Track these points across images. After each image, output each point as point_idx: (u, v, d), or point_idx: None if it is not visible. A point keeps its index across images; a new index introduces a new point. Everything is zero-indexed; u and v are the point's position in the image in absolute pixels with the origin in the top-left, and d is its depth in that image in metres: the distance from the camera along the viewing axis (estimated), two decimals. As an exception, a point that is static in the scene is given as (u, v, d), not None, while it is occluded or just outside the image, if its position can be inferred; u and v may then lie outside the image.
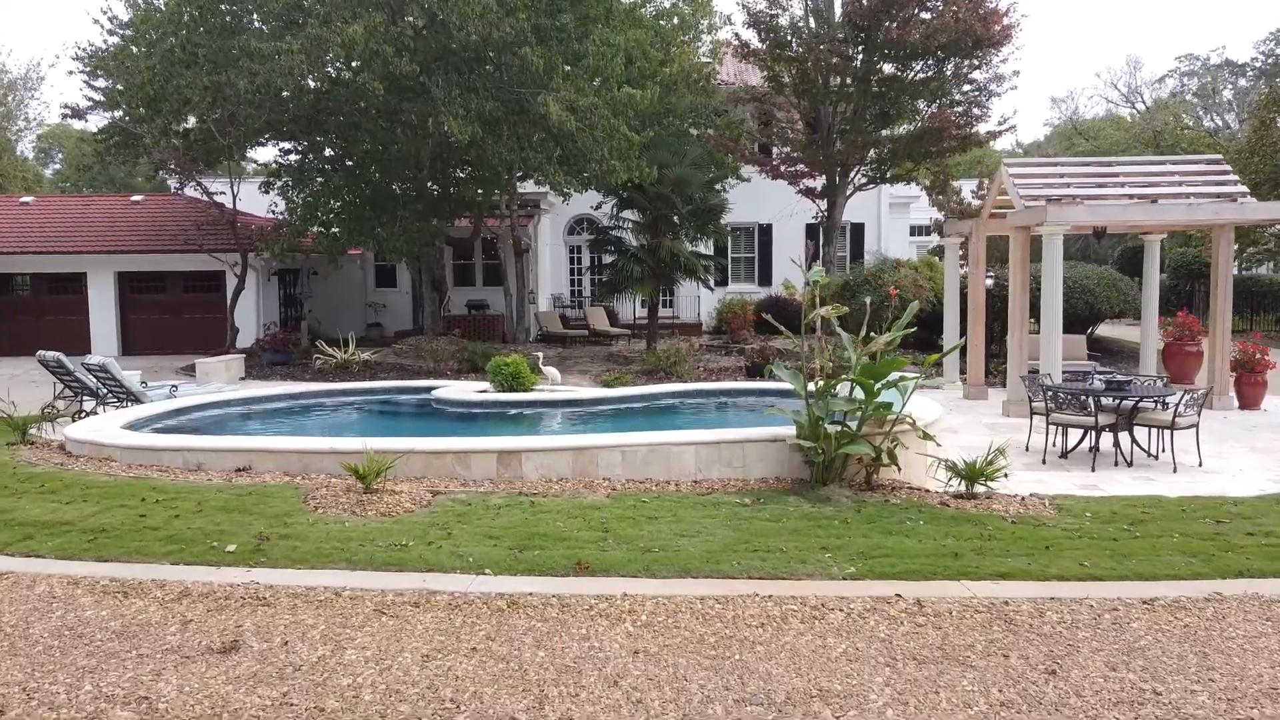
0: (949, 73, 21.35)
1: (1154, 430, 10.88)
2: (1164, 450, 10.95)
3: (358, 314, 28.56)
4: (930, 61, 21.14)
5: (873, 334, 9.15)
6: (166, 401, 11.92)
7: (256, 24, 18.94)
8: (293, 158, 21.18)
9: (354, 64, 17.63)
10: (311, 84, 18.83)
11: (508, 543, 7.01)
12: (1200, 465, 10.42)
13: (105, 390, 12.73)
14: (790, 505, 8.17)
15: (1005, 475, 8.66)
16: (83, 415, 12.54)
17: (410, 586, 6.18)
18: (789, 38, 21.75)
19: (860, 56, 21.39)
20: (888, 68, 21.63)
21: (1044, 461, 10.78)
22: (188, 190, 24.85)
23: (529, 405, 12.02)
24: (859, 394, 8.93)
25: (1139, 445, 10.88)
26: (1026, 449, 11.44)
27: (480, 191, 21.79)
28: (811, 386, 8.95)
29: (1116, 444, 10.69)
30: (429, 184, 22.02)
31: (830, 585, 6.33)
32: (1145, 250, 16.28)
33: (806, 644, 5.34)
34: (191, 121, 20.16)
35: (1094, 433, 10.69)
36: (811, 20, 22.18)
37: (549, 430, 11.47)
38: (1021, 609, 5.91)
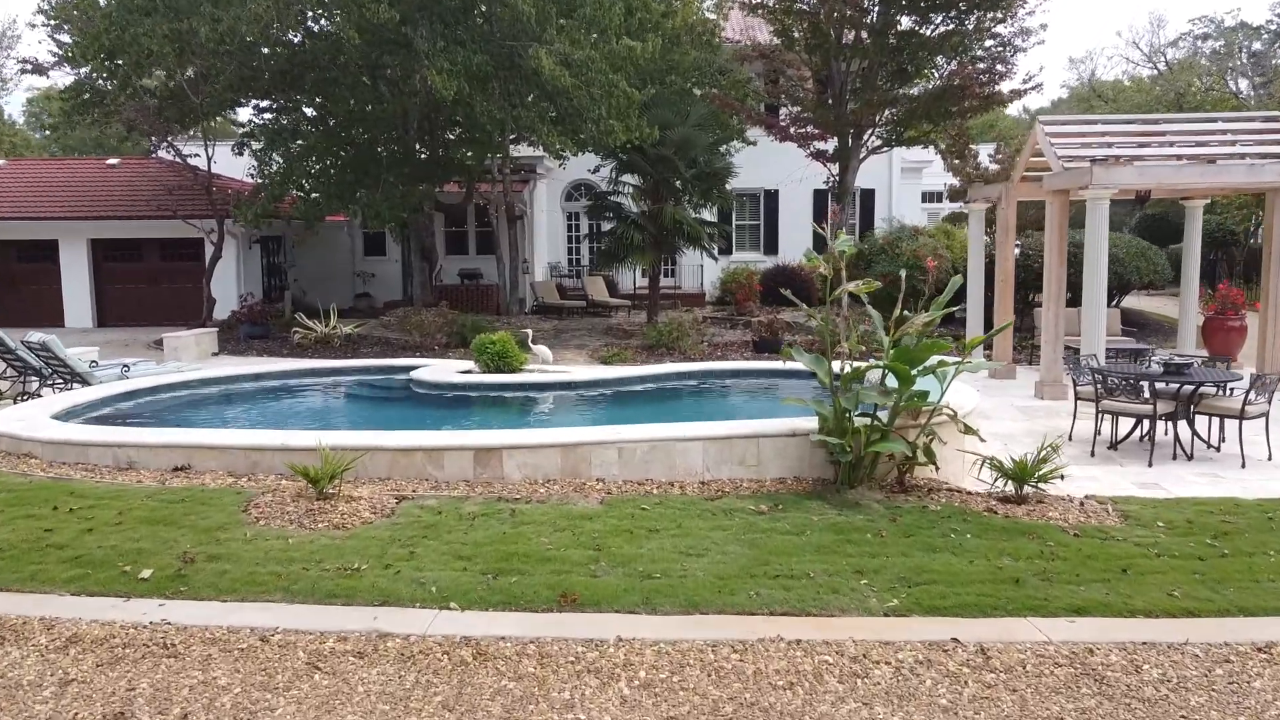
0: (971, 26, 19.92)
1: (1213, 419, 9.73)
2: (1224, 440, 9.82)
3: (345, 284, 27.33)
4: (951, 14, 19.71)
5: (906, 312, 7.95)
6: (113, 384, 10.73)
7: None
8: (268, 116, 19.81)
9: (328, 13, 16.26)
10: (287, 37, 17.46)
11: (480, 565, 5.87)
12: (1270, 459, 9.27)
13: (50, 370, 11.57)
14: (814, 512, 7.02)
15: (1061, 478, 7.49)
16: (25, 398, 11.40)
17: (357, 627, 5.03)
18: (800, -12, 20.33)
19: (876, 9, 19.96)
20: (906, 21, 20.19)
21: (1093, 454, 9.62)
22: (161, 153, 23.52)
23: (516, 388, 10.85)
24: (891, 381, 7.75)
25: (1199, 436, 9.73)
26: (1070, 438, 10.28)
27: (470, 154, 20.46)
28: (836, 367, 7.77)
29: (1176, 435, 9.53)
30: (417, 146, 20.70)
31: (870, 624, 5.18)
32: (1187, 217, 15.05)
33: (848, 718, 4.21)
34: (159, 77, 18.80)
35: (1149, 422, 9.54)
36: (824, -30, 20.73)
37: (537, 419, 10.29)
38: (1111, 661, 4.76)
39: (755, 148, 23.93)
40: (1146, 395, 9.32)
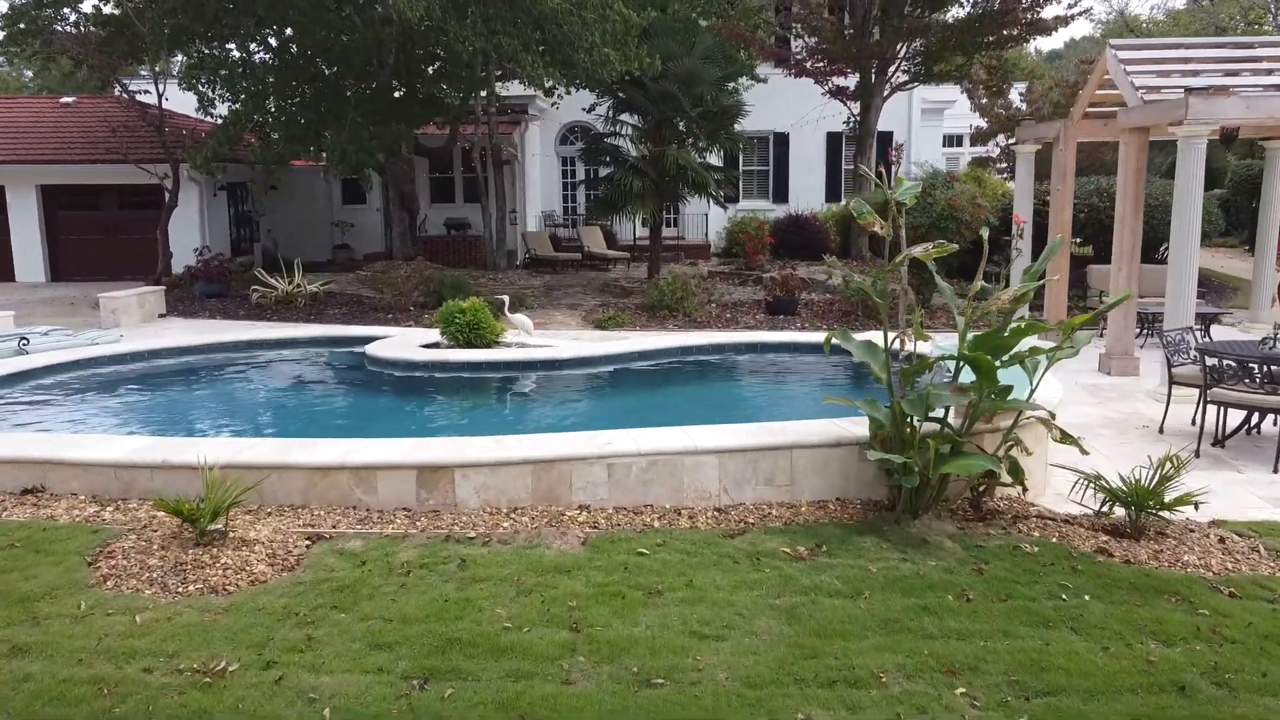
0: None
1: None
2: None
3: (323, 234, 25.28)
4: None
5: (984, 284, 6.07)
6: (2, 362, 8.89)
7: None
8: (218, 46, 17.60)
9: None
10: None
11: (406, 661, 4.07)
12: None
13: (-64, 344, 9.74)
14: (869, 556, 5.23)
15: (1196, 505, 5.66)
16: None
17: (195, 792, 3.25)
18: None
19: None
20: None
21: (1197, 454, 7.77)
22: (119, 91, 21.35)
23: (489, 368, 9.01)
24: (965, 374, 5.90)
25: (1327, 431, 7.90)
26: (1161, 430, 8.46)
27: (449, 91, 18.34)
28: (880, 334, 5.91)
29: (1302, 432, 7.70)
30: (394, 83, 18.55)
31: (985, 781, 3.40)
32: (1267, 161, 13.04)
33: None
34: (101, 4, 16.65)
35: (1257, 414, 7.72)
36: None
37: (509, 413, 8.42)
38: None
39: (764, 86, 21.73)
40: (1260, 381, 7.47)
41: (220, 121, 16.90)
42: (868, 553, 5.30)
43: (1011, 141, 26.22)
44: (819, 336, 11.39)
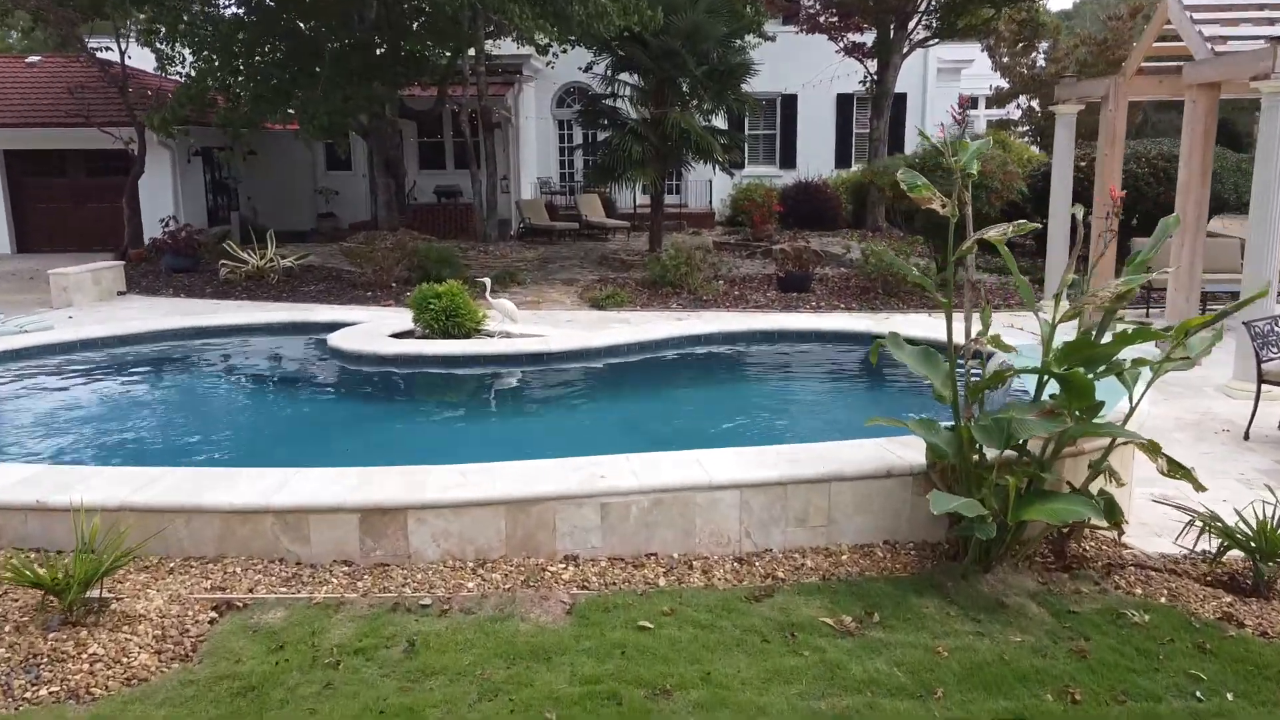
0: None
1: None
2: None
3: (307, 203, 24.01)
4: None
5: (1074, 276, 4.85)
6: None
7: None
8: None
9: None
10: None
11: (315, 818, 2.93)
12: None
13: None
14: (934, 629, 4.08)
15: (1345, 559, 4.50)
16: None
17: None
18: None
19: None
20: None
21: (1295, 468, 6.61)
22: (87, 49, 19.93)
23: (466, 363, 7.81)
24: (1044, 390, 4.71)
25: None
26: (1246, 436, 7.28)
27: (433, 46, 16.95)
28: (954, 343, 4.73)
29: None
30: (375, 39, 17.16)
31: None
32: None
33: None
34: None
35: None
36: None
37: (484, 420, 7.19)
38: None
39: (772, 45, 20.35)
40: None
41: (185, 80, 15.56)
42: (931, 623, 4.15)
43: (1034, 103, 24.93)
44: (844, 322, 10.25)
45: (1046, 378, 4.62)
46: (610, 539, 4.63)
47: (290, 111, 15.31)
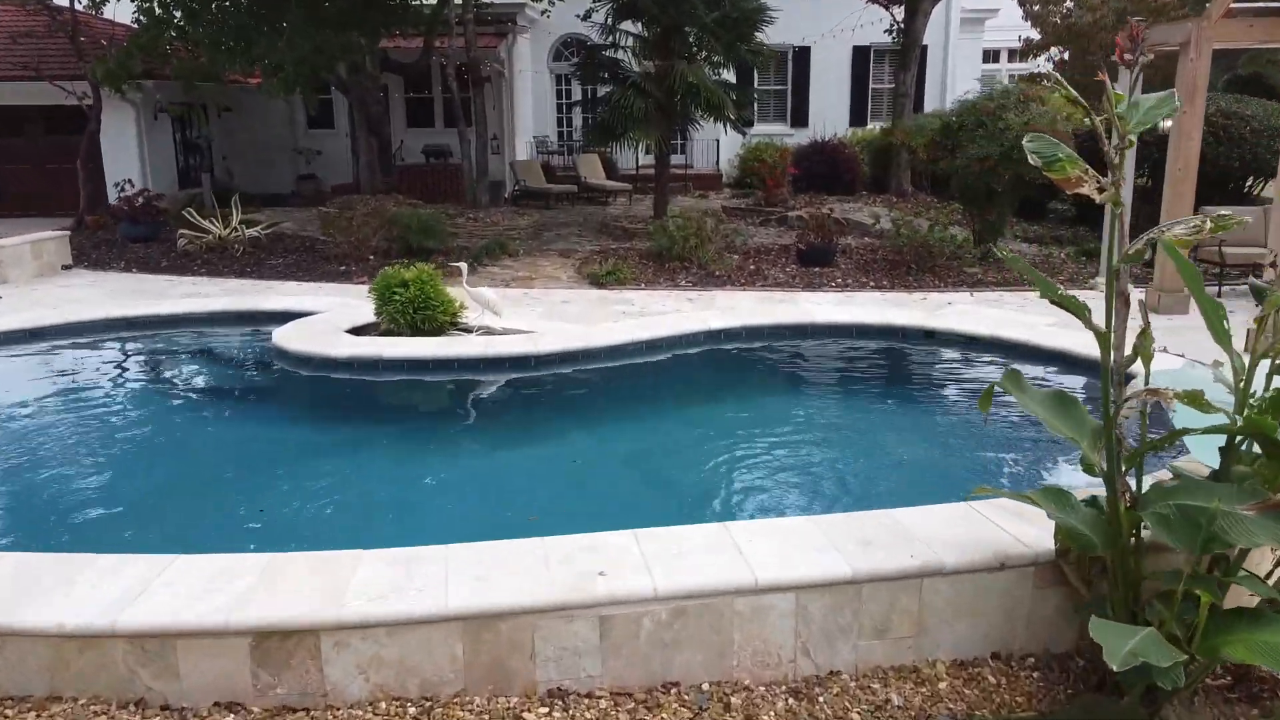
0: None
1: None
2: None
3: (285, 163, 22.46)
4: None
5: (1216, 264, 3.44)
6: None
7: None
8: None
9: None
10: None
11: None
12: None
13: None
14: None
15: None
16: None
17: None
18: None
19: None
20: None
21: None
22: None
23: (436, 367, 6.41)
24: (1234, 456, 3.31)
25: None
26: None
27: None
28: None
29: None
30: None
31: None
32: None
33: None
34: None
35: None
36: None
37: (453, 453, 5.66)
38: None
39: (786, -8, 18.70)
40: None
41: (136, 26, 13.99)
42: (1090, 813, 2.78)
43: (1065, 55, 23.24)
44: (883, 310, 8.59)
45: (1239, 439, 3.21)
46: (613, 662, 3.26)
47: (251, 63, 13.74)
